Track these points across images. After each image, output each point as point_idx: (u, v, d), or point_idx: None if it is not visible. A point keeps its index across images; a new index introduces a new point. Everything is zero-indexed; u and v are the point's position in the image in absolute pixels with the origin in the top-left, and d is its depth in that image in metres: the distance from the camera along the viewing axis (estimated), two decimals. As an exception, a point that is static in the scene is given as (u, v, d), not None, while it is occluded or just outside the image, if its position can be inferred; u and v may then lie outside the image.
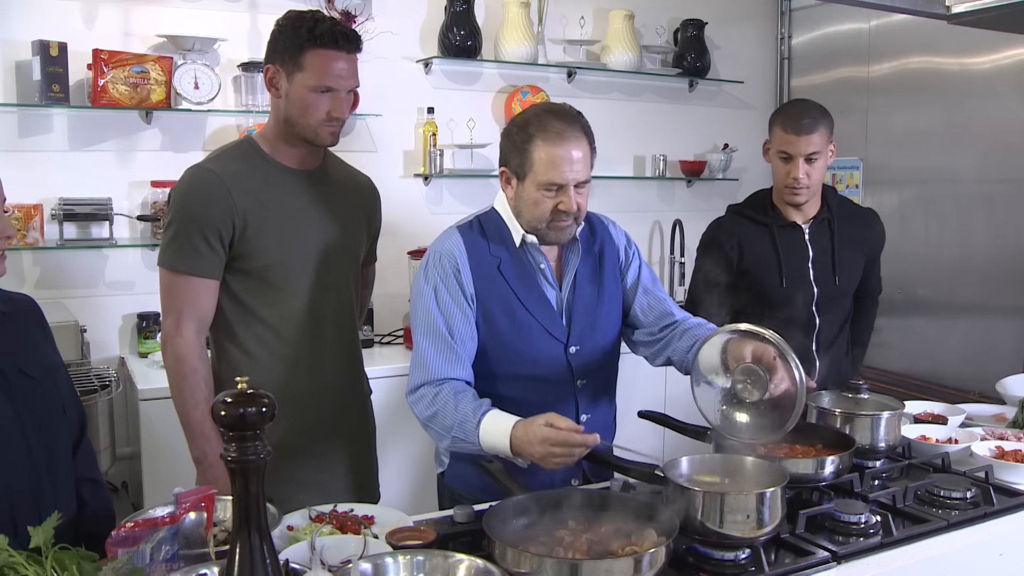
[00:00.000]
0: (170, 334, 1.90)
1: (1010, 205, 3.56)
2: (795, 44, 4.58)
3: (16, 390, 1.44)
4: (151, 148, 3.22)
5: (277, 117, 1.95)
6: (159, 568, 1.27)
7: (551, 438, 1.57)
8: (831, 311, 2.38)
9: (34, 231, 2.98)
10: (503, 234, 1.85)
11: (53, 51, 2.92)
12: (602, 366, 1.92)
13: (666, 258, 4.37)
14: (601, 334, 1.90)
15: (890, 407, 1.99)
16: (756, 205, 2.40)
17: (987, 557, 1.66)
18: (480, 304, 1.81)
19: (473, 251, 1.82)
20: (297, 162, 1.98)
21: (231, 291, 1.94)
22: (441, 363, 1.76)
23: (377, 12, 3.55)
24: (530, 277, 1.84)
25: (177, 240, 1.88)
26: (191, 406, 1.89)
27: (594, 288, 1.91)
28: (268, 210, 1.91)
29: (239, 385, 1.06)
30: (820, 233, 2.37)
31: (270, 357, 1.95)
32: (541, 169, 1.75)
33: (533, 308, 1.83)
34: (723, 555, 1.46)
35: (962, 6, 2.21)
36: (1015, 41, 3.41)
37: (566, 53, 4.01)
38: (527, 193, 1.78)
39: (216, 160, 1.96)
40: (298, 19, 1.89)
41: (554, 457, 1.58)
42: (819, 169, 2.28)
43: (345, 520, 1.58)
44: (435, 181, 3.78)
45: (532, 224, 1.81)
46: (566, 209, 1.76)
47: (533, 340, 1.82)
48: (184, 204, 1.89)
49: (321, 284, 1.99)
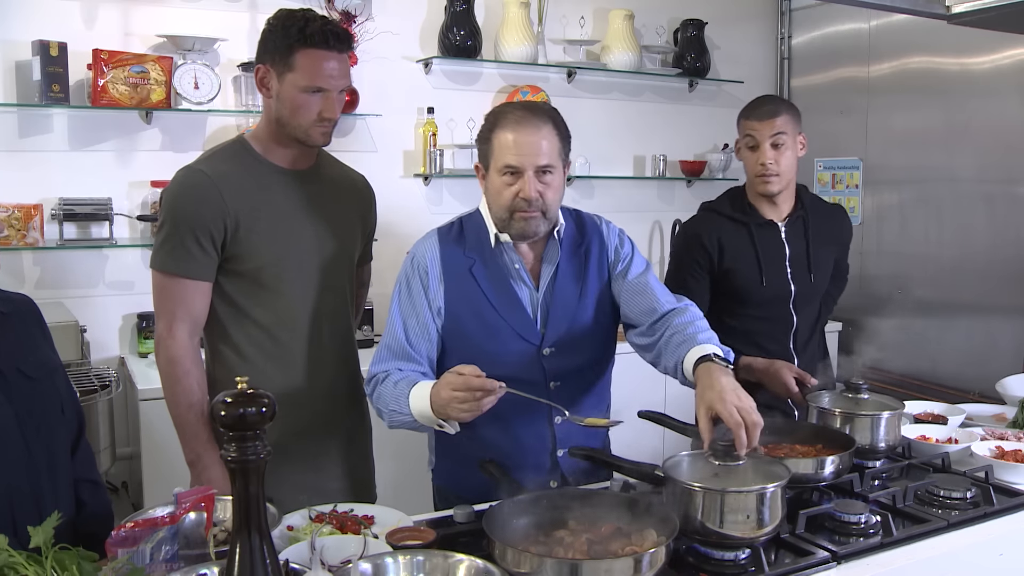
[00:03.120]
0: (163, 337, 1.89)
1: (1010, 205, 3.56)
2: (795, 44, 4.58)
3: (15, 390, 1.44)
4: (151, 148, 3.22)
5: (269, 117, 1.93)
6: (159, 568, 1.27)
7: (452, 382, 1.60)
8: (806, 309, 2.39)
9: (34, 231, 2.98)
10: (480, 235, 1.85)
11: (53, 51, 2.92)
12: (582, 368, 1.88)
13: (666, 258, 4.37)
14: (581, 336, 1.86)
15: (890, 407, 1.98)
16: (733, 203, 2.38)
17: (987, 557, 1.66)
18: (449, 307, 1.82)
19: (447, 255, 1.84)
20: (289, 162, 1.97)
21: (224, 293, 1.93)
22: (390, 357, 1.82)
23: (377, 12, 3.55)
24: (503, 278, 1.83)
25: (169, 242, 1.87)
26: (184, 408, 1.89)
27: (576, 288, 1.87)
28: (260, 211, 1.90)
29: (239, 385, 1.06)
30: (795, 231, 2.37)
31: (264, 358, 1.94)
32: (500, 153, 1.75)
33: (503, 309, 1.81)
34: (723, 555, 1.46)
35: (962, 6, 2.21)
36: (1015, 41, 3.41)
37: (566, 53, 4.01)
38: (491, 183, 1.79)
39: (207, 161, 1.94)
40: (288, 18, 1.86)
41: (457, 402, 1.59)
42: (787, 158, 2.28)
43: (345, 520, 1.58)
44: (435, 181, 3.78)
45: (498, 216, 1.80)
46: (525, 196, 1.74)
47: (503, 341, 1.81)
48: (175, 206, 1.88)
49: (315, 285, 1.97)
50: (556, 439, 1.85)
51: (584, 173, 4.01)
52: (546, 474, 1.84)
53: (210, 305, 1.93)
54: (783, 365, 2.20)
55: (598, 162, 4.07)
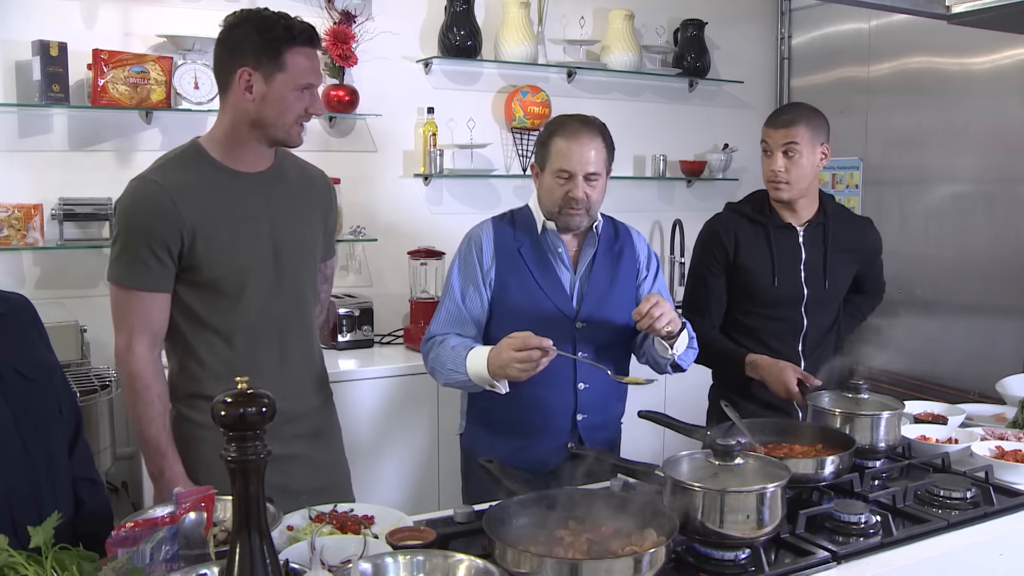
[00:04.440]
0: (122, 351, 1.87)
1: (1010, 205, 3.56)
2: (795, 44, 4.58)
3: (12, 390, 1.44)
4: (151, 148, 3.21)
5: (235, 120, 1.89)
6: (159, 568, 1.27)
7: (513, 343, 1.86)
8: (819, 314, 2.41)
9: (34, 231, 2.97)
10: (529, 223, 2.14)
11: (53, 51, 2.92)
12: (608, 345, 2.11)
13: (666, 258, 4.37)
14: (609, 317, 2.11)
15: (890, 407, 1.99)
16: (754, 204, 2.44)
17: (987, 557, 1.66)
18: (499, 278, 2.10)
19: (499, 235, 2.13)
20: (248, 165, 1.94)
21: (182, 303, 1.90)
22: (449, 321, 2.09)
23: (377, 12, 3.55)
24: (546, 259, 2.11)
25: (125, 255, 1.84)
26: (146, 423, 1.86)
27: (608, 277, 2.14)
28: (217, 220, 1.87)
29: (239, 385, 1.06)
30: (814, 237, 2.40)
31: (224, 366, 1.91)
32: (556, 159, 2.04)
33: (545, 285, 2.09)
34: (723, 555, 1.46)
35: (962, 6, 2.21)
36: (1015, 41, 3.41)
37: (566, 53, 4.01)
38: (545, 181, 2.08)
39: (160, 170, 1.90)
40: (265, 20, 1.85)
41: (517, 362, 1.84)
42: (801, 166, 2.30)
43: (345, 520, 1.58)
44: (435, 181, 3.77)
45: (548, 209, 2.08)
46: (574, 196, 2.02)
47: (543, 311, 2.07)
48: (128, 217, 1.85)
49: (275, 289, 1.95)
50: (578, 403, 2.09)
51: (584, 173, 3.99)
52: (567, 436, 2.09)
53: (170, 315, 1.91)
54: (787, 365, 2.22)
55: (598, 162, 4.06)
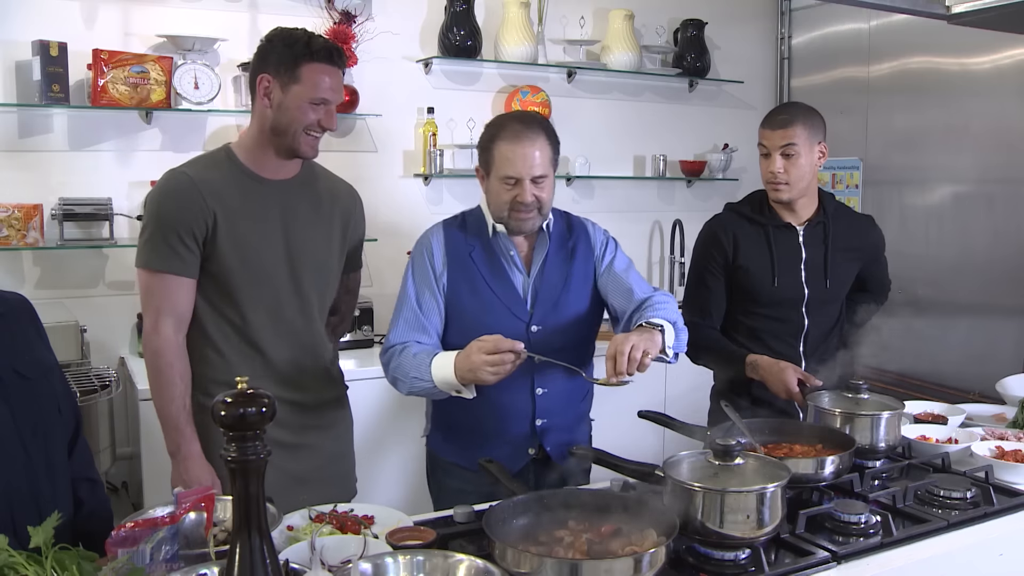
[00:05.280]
0: (148, 332, 1.97)
1: (1010, 205, 3.56)
2: (795, 44, 4.58)
3: (11, 390, 1.44)
4: (151, 148, 3.22)
5: (261, 127, 2.00)
6: (159, 568, 1.27)
7: (483, 347, 1.82)
8: (819, 314, 2.41)
9: (34, 231, 2.97)
10: (480, 226, 2.08)
11: (53, 51, 2.92)
12: (564, 347, 2.03)
13: (666, 258, 4.37)
14: (564, 318, 2.06)
15: (890, 407, 1.99)
16: (753, 204, 2.44)
17: (987, 557, 1.66)
18: (451, 284, 2.04)
19: (450, 240, 2.07)
20: (271, 172, 2.04)
21: (203, 291, 2.00)
22: (408, 329, 2.03)
23: (377, 12, 3.55)
24: (498, 263, 2.05)
25: (153, 240, 1.94)
26: (167, 400, 1.95)
27: (561, 276, 2.08)
28: (237, 216, 1.97)
29: (239, 385, 1.06)
30: (814, 236, 2.39)
31: (239, 357, 2.01)
32: (500, 165, 1.97)
33: (497, 289, 2.04)
34: (723, 555, 1.46)
35: (962, 6, 2.21)
36: (1015, 41, 3.41)
37: (566, 53, 4.01)
38: (492, 187, 2.01)
39: (191, 165, 2.03)
40: (291, 35, 1.97)
41: (488, 365, 1.80)
42: (799, 167, 2.29)
43: (345, 520, 1.58)
44: (435, 181, 3.78)
45: (497, 214, 2.02)
46: (522, 200, 1.96)
47: (497, 316, 2.01)
48: (159, 206, 1.96)
49: (287, 290, 2.03)
50: (536, 408, 2.04)
51: (584, 173, 4.00)
52: (527, 441, 2.05)
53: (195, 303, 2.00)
54: (787, 366, 2.22)
55: (598, 162, 4.06)
